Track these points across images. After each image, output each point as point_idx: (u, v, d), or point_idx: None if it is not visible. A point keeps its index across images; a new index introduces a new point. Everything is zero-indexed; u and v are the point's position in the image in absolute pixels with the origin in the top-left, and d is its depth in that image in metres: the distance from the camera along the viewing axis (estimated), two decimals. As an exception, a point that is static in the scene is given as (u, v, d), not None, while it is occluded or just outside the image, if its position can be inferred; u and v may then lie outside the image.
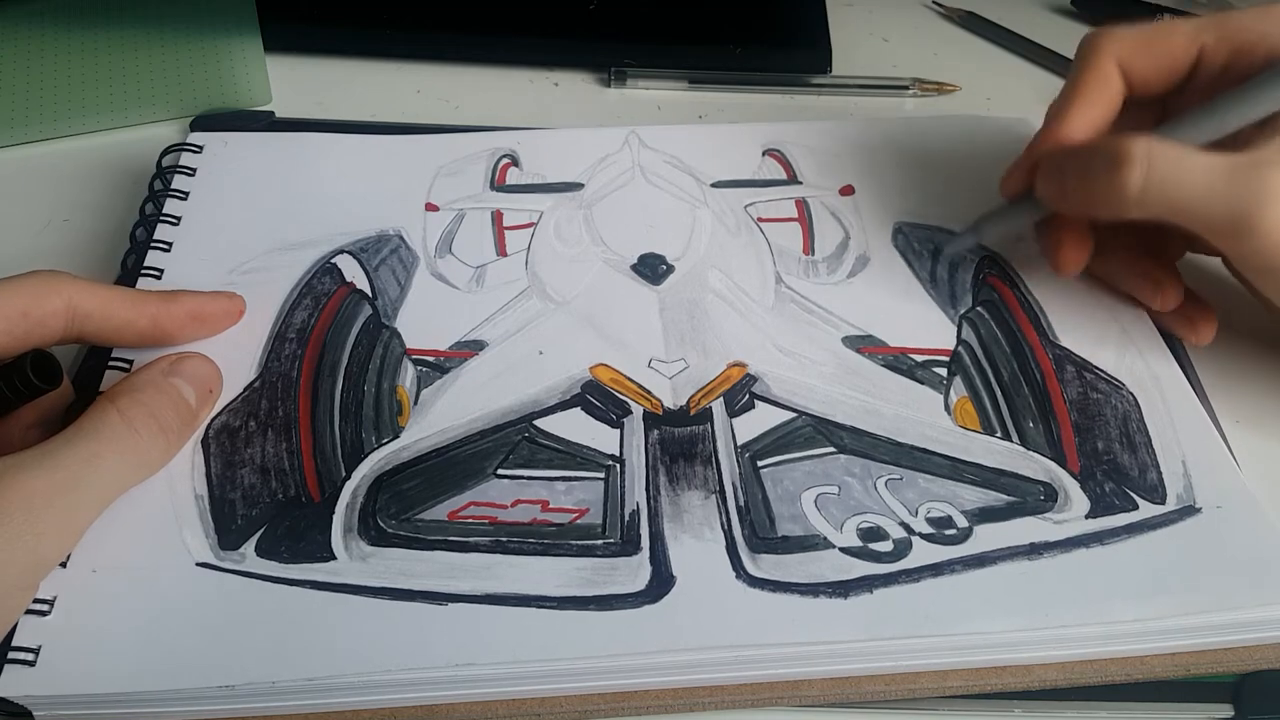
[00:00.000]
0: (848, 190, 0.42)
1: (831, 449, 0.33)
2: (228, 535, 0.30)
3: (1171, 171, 0.32)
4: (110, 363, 0.33)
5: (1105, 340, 0.37)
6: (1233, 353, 0.40)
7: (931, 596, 0.29)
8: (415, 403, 0.34)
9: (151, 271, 0.37)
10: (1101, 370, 0.36)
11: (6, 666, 0.27)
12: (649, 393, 0.34)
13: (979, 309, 0.38)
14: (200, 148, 0.42)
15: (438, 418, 0.33)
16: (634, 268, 0.39)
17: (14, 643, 0.27)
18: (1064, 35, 0.58)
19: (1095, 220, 0.37)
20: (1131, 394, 0.35)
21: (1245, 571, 0.30)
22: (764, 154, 0.44)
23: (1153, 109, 0.38)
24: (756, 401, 0.34)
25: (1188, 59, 0.35)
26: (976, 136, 0.45)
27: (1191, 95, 0.36)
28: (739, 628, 0.28)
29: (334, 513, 0.31)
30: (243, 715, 0.28)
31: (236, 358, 0.34)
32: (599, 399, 0.34)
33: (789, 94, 0.52)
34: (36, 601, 0.28)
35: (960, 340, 0.36)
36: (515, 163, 0.43)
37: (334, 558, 0.29)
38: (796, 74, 0.53)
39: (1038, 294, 0.38)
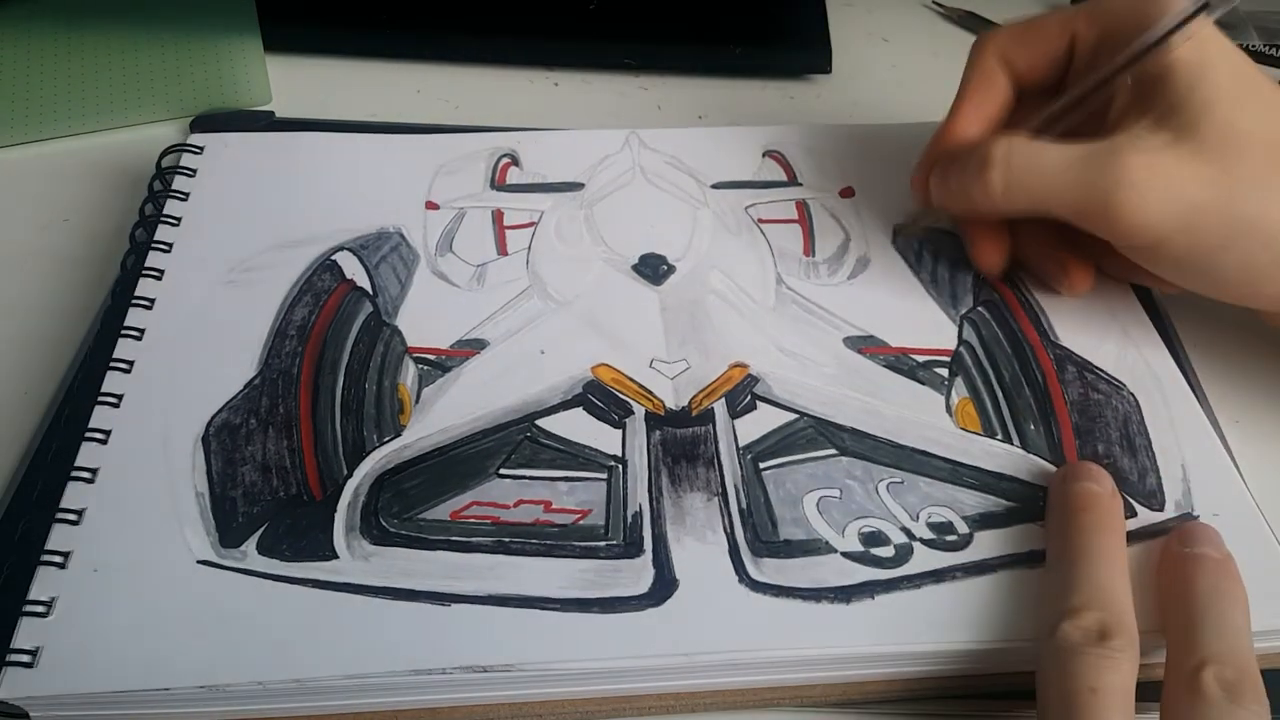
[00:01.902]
0: (848, 192, 0.42)
1: (833, 450, 0.33)
2: (229, 533, 0.30)
3: (1030, 167, 0.33)
4: (111, 363, 0.33)
5: (1106, 340, 0.37)
6: (1233, 353, 0.40)
7: (932, 603, 0.29)
8: (417, 401, 0.34)
9: (152, 272, 0.36)
10: (1102, 370, 0.36)
11: (6, 668, 0.27)
12: (651, 393, 0.34)
13: (980, 309, 0.38)
14: (201, 148, 0.42)
15: (439, 416, 0.33)
16: (635, 268, 0.39)
17: (13, 644, 0.27)
18: (1063, 36, 0.58)
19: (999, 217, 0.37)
20: (1132, 395, 0.35)
21: (1242, 579, 0.30)
22: (764, 155, 0.44)
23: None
24: (758, 402, 0.34)
25: (1062, 47, 0.36)
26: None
27: (1074, 82, 0.36)
28: (742, 634, 0.28)
29: (336, 511, 0.30)
30: (242, 715, 0.28)
31: (236, 355, 0.34)
32: (601, 399, 0.34)
33: (790, 95, 0.52)
34: (36, 602, 0.28)
35: (961, 340, 0.36)
36: (515, 162, 0.43)
37: (336, 556, 0.29)
38: (796, 74, 0.53)
39: (1038, 294, 0.38)
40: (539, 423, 0.33)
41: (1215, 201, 0.31)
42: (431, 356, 0.35)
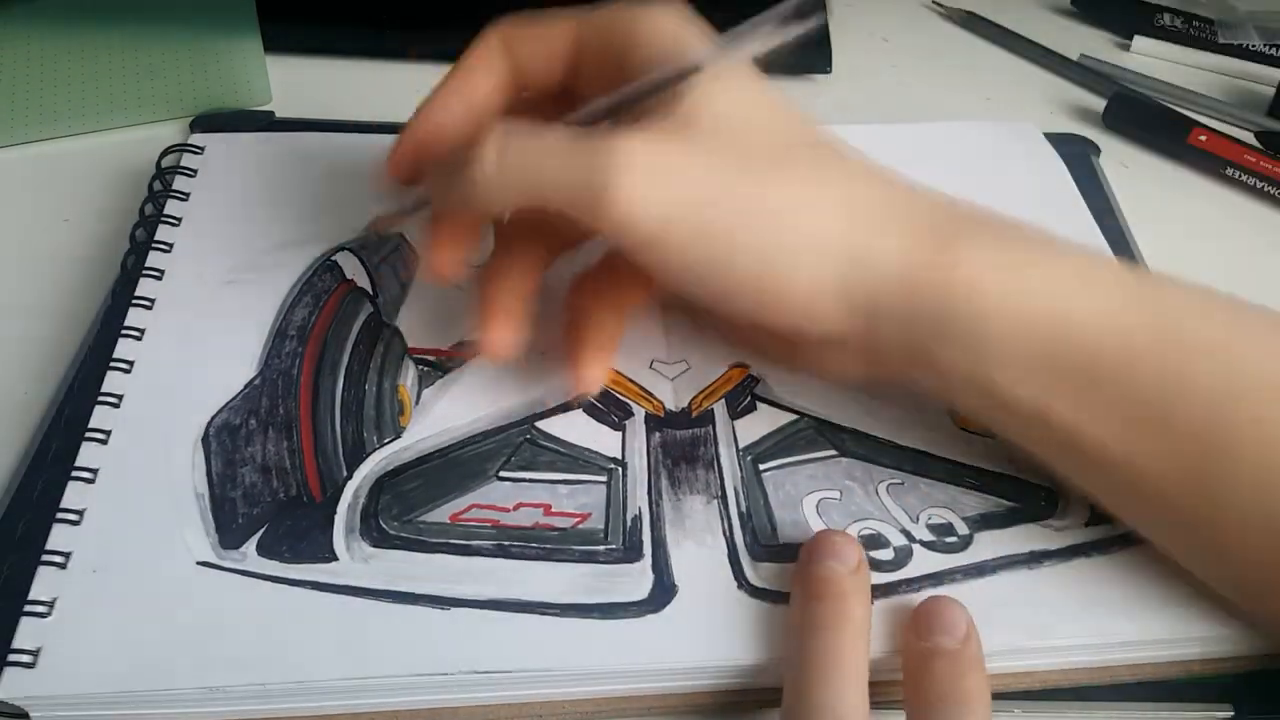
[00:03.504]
0: (848, 191, 0.42)
1: (833, 451, 0.33)
2: (228, 534, 0.30)
3: (526, 148, 0.29)
4: (111, 363, 0.33)
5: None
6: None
7: None
8: (417, 403, 0.34)
9: (152, 272, 0.36)
10: (1102, 372, 0.36)
11: (6, 669, 0.27)
12: (650, 394, 0.34)
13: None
14: (201, 148, 0.42)
15: (439, 418, 0.33)
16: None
17: (14, 645, 0.27)
18: (1064, 35, 0.58)
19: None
20: (1132, 396, 0.35)
21: None
22: (765, 155, 0.44)
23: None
24: (758, 403, 0.34)
25: (564, 47, 0.32)
26: (977, 139, 0.45)
27: (586, 89, 0.32)
28: (741, 639, 0.28)
29: (335, 513, 0.31)
30: (242, 716, 0.28)
31: (236, 355, 0.34)
32: (601, 400, 0.34)
33: (790, 96, 0.52)
34: (36, 602, 0.28)
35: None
36: (516, 163, 0.43)
37: (336, 558, 0.29)
38: (796, 74, 0.53)
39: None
40: (539, 424, 0.33)
41: (719, 189, 0.28)
42: (432, 358, 0.35)
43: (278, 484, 0.31)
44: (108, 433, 0.32)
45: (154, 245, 0.37)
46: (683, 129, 0.28)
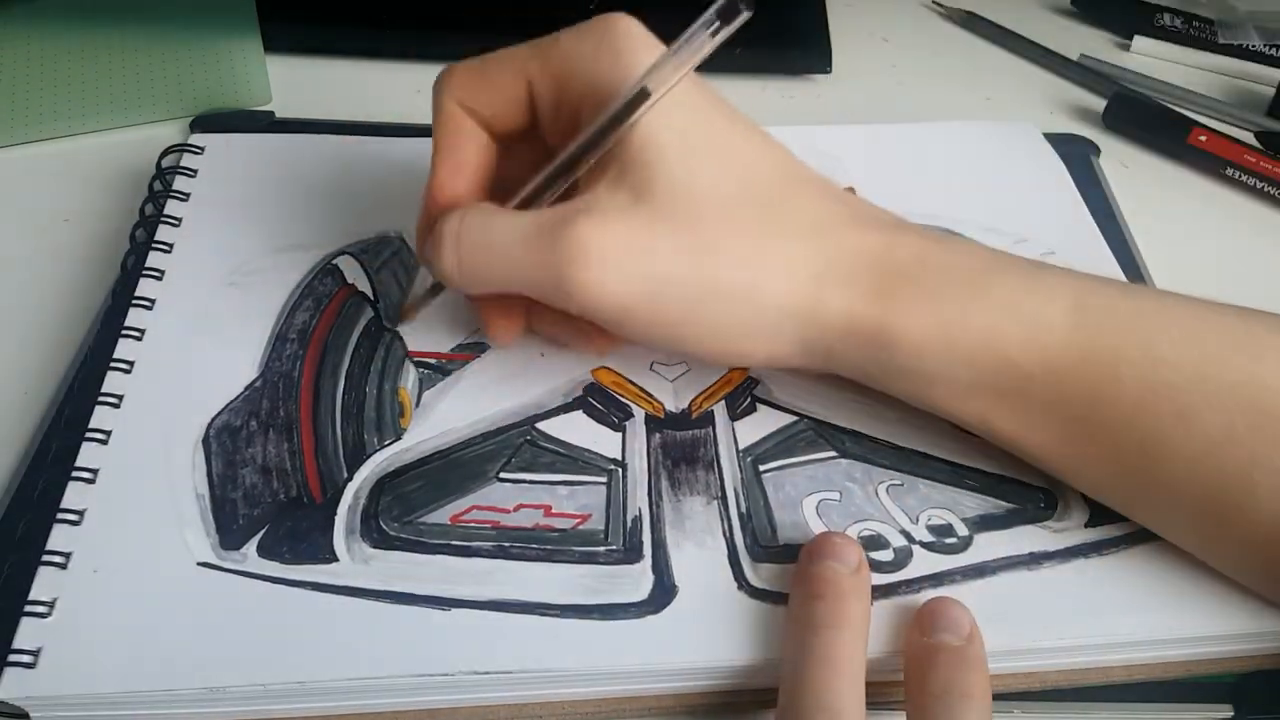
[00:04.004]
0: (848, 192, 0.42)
1: (833, 453, 0.33)
2: (229, 535, 0.30)
3: (482, 243, 0.30)
4: (111, 364, 0.33)
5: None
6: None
7: None
8: (417, 405, 0.34)
9: (152, 273, 0.36)
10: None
11: (6, 669, 0.27)
12: (650, 395, 0.34)
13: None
14: (201, 149, 0.42)
15: (440, 420, 0.33)
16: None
17: (14, 645, 0.27)
18: (1064, 35, 0.58)
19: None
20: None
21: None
22: (765, 155, 0.44)
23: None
24: (758, 404, 0.34)
25: (518, 92, 0.31)
26: (977, 139, 0.45)
27: (551, 131, 0.32)
28: (741, 641, 0.28)
29: (336, 514, 0.31)
30: (243, 716, 0.28)
31: (237, 356, 0.34)
32: (600, 402, 0.34)
33: (790, 95, 0.52)
34: (37, 602, 0.28)
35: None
36: (516, 163, 0.43)
37: (336, 559, 0.29)
38: (796, 74, 0.53)
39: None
40: (539, 426, 0.33)
41: (677, 270, 0.29)
42: (432, 360, 0.35)
43: (278, 485, 0.31)
44: (108, 433, 0.32)
45: (154, 245, 0.37)
46: (642, 200, 0.29)
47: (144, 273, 0.36)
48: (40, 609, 0.28)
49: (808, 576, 0.29)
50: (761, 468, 0.32)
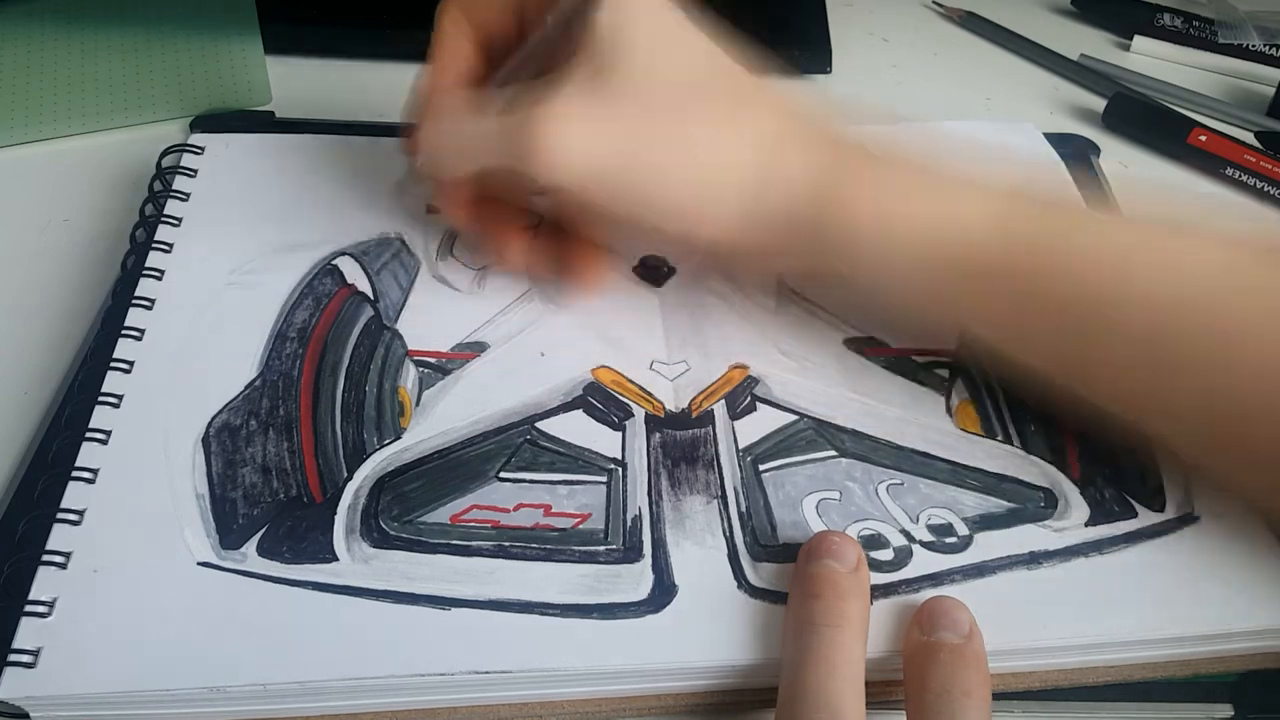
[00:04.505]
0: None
1: (833, 452, 0.33)
2: (229, 535, 0.30)
3: (460, 118, 0.33)
4: (111, 364, 0.33)
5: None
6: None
7: None
8: (417, 404, 0.34)
9: (152, 273, 0.36)
10: (1102, 372, 0.36)
11: (6, 669, 0.27)
12: (651, 395, 0.34)
13: (980, 311, 0.38)
14: (201, 149, 0.42)
15: (440, 419, 0.33)
16: (635, 269, 0.39)
17: (14, 645, 0.27)
18: (1064, 35, 0.58)
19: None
20: (1132, 396, 0.35)
21: (1243, 582, 0.30)
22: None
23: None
24: (758, 404, 0.34)
25: (513, 3, 0.35)
26: (976, 139, 0.45)
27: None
28: (741, 640, 0.28)
29: (336, 513, 0.31)
30: (242, 717, 0.28)
31: (237, 356, 0.34)
32: (600, 401, 0.34)
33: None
34: (37, 603, 0.28)
35: (962, 341, 0.37)
36: (516, 163, 0.43)
37: (336, 559, 0.29)
38: (796, 74, 0.53)
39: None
40: (539, 425, 0.33)
41: (640, 131, 0.31)
42: (432, 359, 0.35)
43: (278, 485, 0.31)
44: (108, 433, 0.32)
45: (154, 245, 0.37)
46: (600, 78, 0.31)
47: (144, 273, 0.36)
48: (40, 609, 0.28)
49: (806, 576, 0.29)
50: (761, 467, 0.32)
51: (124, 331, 0.34)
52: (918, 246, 0.31)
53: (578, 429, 0.33)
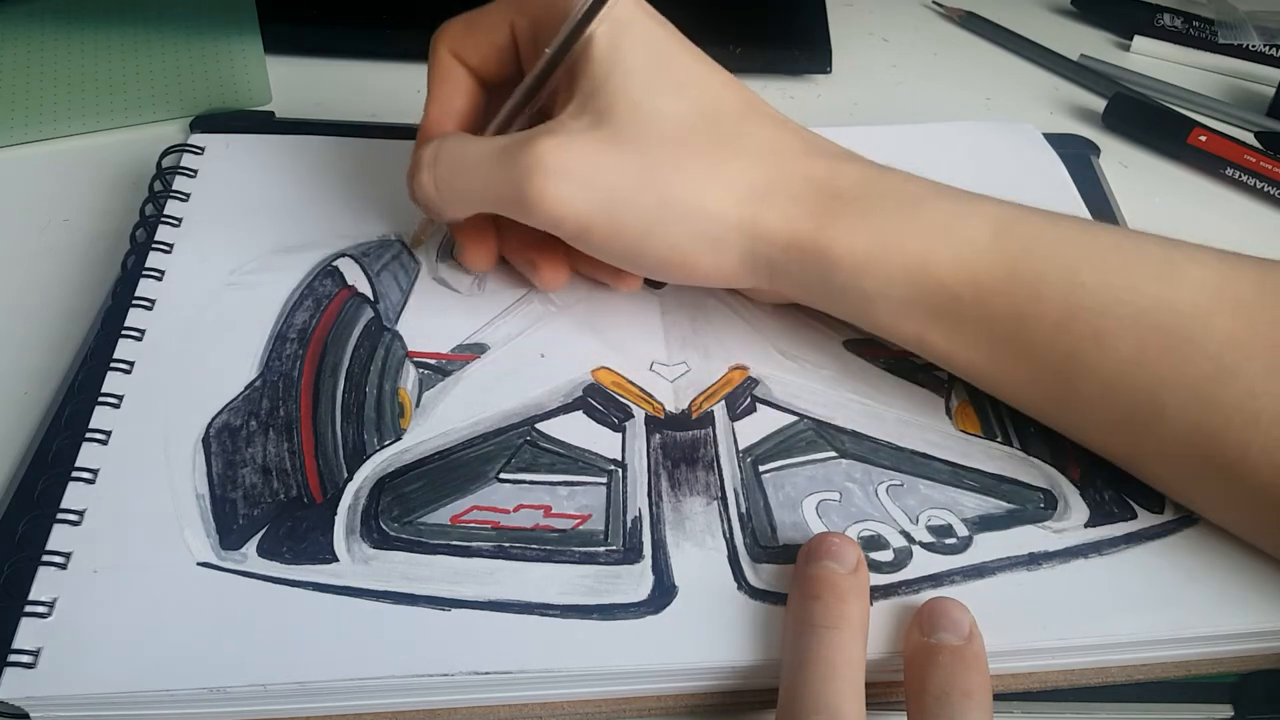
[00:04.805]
0: (848, 192, 0.42)
1: (833, 453, 0.33)
2: (229, 535, 0.30)
3: (456, 165, 0.33)
4: (111, 364, 0.33)
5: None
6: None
7: None
8: (417, 405, 0.34)
9: (152, 273, 0.36)
10: (1102, 373, 0.36)
11: (6, 669, 0.27)
12: (650, 396, 0.34)
13: (979, 311, 0.38)
14: (201, 149, 0.42)
15: (440, 420, 0.33)
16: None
17: (14, 645, 0.27)
18: (1064, 35, 0.58)
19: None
20: (1132, 397, 0.35)
21: (1242, 583, 0.30)
22: (765, 155, 0.44)
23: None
24: (758, 405, 0.34)
25: (505, 38, 0.35)
26: (977, 139, 0.45)
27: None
28: (741, 641, 0.28)
29: (336, 514, 0.31)
30: (242, 717, 0.28)
31: (237, 356, 0.34)
32: (600, 402, 0.34)
33: (790, 95, 0.52)
34: (37, 603, 0.28)
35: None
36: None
37: (336, 560, 0.29)
38: (796, 74, 0.53)
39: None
40: (539, 426, 0.33)
41: (632, 187, 0.31)
42: (432, 361, 0.35)
43: (278, 485, 0.31)
44: (108, 433, 0.32)
45: (154, 245, 0.37)
46: (603, 122, 0.31)
47: (144, 273, 0.36)
48: (40, 609, 0.28)
49: (805, 577, 0.29)
50: (761, 468, 0.32)
51: (124, 331, 0.34)
52: (901, 289, 0.31)
53: (578, 430, 0.33)
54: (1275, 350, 0.29)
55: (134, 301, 0.35)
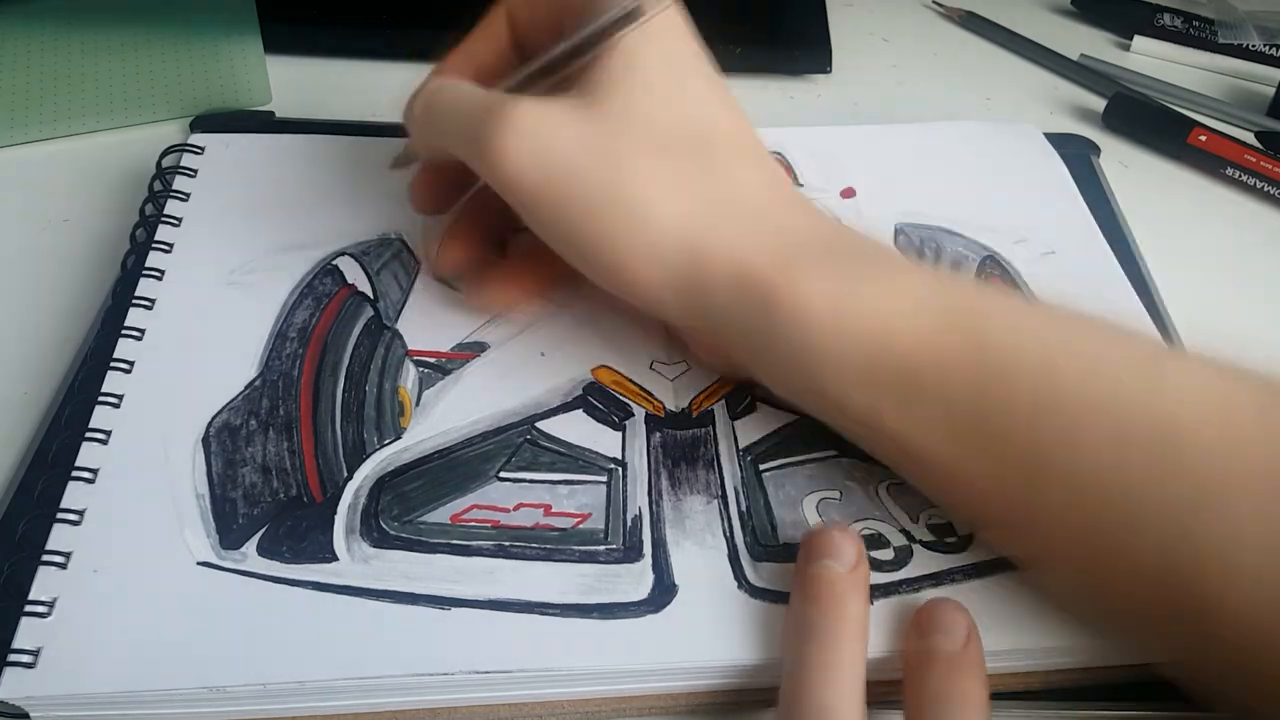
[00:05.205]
0: (849, 193, 0.42)
1: (833, 451, 0.33)
2: (229, 534, 0.30)
3: (447, 102, 0.33)
4: (111, 363, 0.33)
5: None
6: (1233, 352, 0.40)
7: None
8: (417, 404, 0.34)
9: (152, 272, 0.36)
10: (1102, 372, 0.36)
11: (6, 669, 0.27)
12: (651, 395, 0.34)
13: (980, 311, 0.38)
14: (201, 149, 0.42)
15: (440, 419, 0.33)
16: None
17: (14, 645, 0.27)
18: (1064, 35, 0.58)
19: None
20: (1132, 396, 0.35)
21: None
22: (765, 155, 0.44)
23: None
24: (758, 403, 0.34)
25: (554, 17, 0.33)
26: (977, 139, 0.45)
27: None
28: (741, 640, 0.28)
29: (336, 513, 0.31)
30: (242, 717, 0.28)
31: (237, 356, 0.34)
32: (601, 401, 0.34)
33: (790, 95, 0.52)
34: (37, 603, 0.28)
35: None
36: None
37: (336, 559, 0.29)
38: (796, 74, 0.53)
39: (1039, 294, 0.38)
40: (539, 425, 0.33)
41: (590, 167, 0.30)
42: (432, 359, 0.35)
43: (278, 484, 0.31)
44: (108, 433, 0.32)
45: (154, 245, 0.37)
46: (588, 101, 0.30)
47: (144, 273, 0.36)
48: (40, 609, 0.28)
49: (804, 577, 0.28)
50: (761, 467, 0.32)
51: (124, 331, 0.34)
52: (855, 353, 0.28)
53: (578, 429, 0.33)
54: (1268, 489, 0.25)
55: (134, 301, 0.35)
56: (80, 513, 0.30)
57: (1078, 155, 0.47)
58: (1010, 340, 0.28)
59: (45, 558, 0.29)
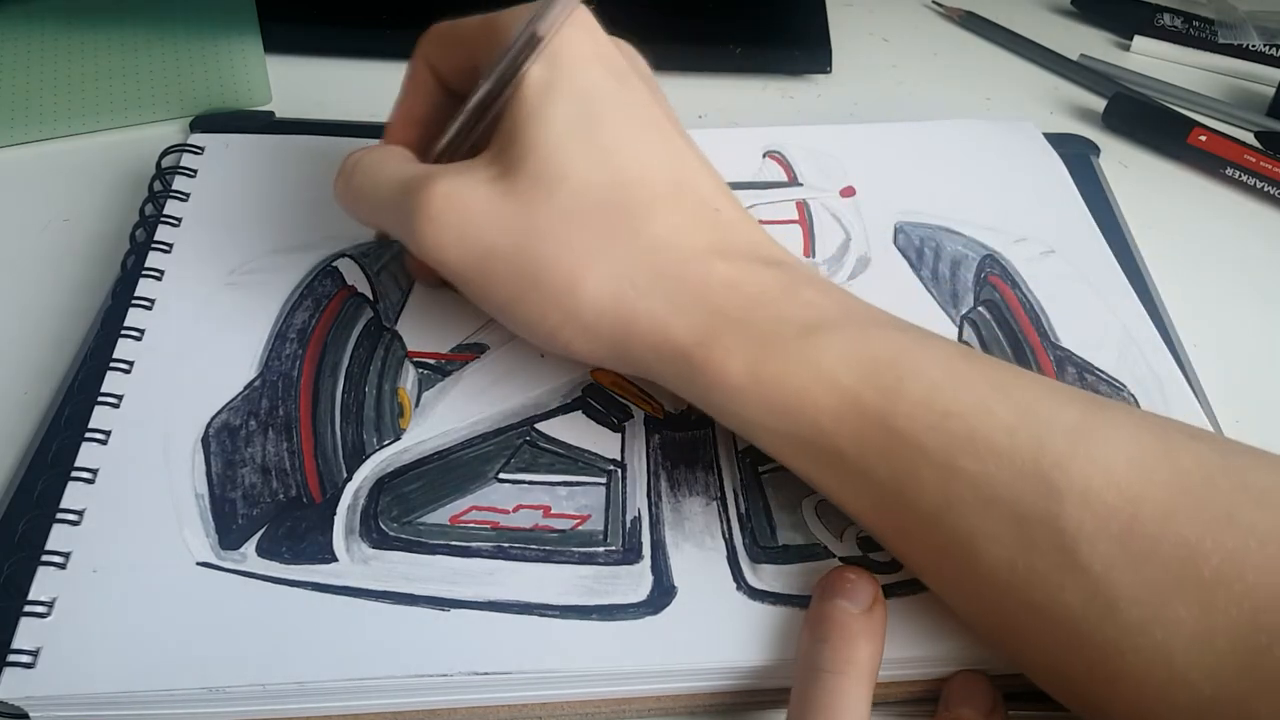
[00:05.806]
0: (848, 192, 0.42)
1: (832, 452, 0.33)
2: (228, 535, 0.30)
3: (366, 182, 0.33)
4: (111, 363, 0.33)
5: (1106, 340, 0.37)
6: (1234, 352, 0.40)
7: (928, 608, 0.29)
8: (417, 405, 0.34)
9: (152, 273, 0.36)
10: (1102, 371, 0.36)
11: (6, 669, 0.27)
12: (650, 396, 0.34)
13: (980, 309, 0.38)
14: (201, 149, 0.42)
15: (439, 420, 0.33)
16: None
17: (14, 645, 0.27)
18: (1064, 35, 0.58)
19: None
20: (1132, 395, 0.35)
21: None
22: (764, 156, 0.44)
23: None
24: (757, 404, 0.34)
25: (474, 57, 0.33)
26: (976, 138, 0.45)
27: None
28: (740, 642, 0.28)
29: (335, 514, 0.31)
30: (242, 717, 0.28)
31: (236, 356, 0.34)
32: (600, 402, 0.34)
33: (790, 95, 0.52)
34: (36, 602, 0.28)
35: (961, 340, 0.37)
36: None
37: (335, 560, 0.29)
38: (796, 74, 0.53)
39: (1039, 294, 0.38)
40: (538, 426, 0.33)
41: (508, 248, 0.29)
42: (431, 361, 0.35)
43: (277, 485, 0.31)
44: (108, 433, 0.32)
45: (154, 245, 0.38)
46: (501, 166, 0.30)
47: (144, 273, 0.36)
48: (39, 609, 0.28)
49: (816, 616, 0.28)
50: (760, 469, 0.32)
51: (124, 331, 0.34)
52: (780, 424, 0.28)
53: (577, 430, 0.33)
54: (1161, 600, 0.24)
55: (134, 301, 0.35)
56: (80, 513, 0.30)
57: (1077, 155, 0.47)
58: (920, 425, 0.27)
59: (45, 558, 0.29)
